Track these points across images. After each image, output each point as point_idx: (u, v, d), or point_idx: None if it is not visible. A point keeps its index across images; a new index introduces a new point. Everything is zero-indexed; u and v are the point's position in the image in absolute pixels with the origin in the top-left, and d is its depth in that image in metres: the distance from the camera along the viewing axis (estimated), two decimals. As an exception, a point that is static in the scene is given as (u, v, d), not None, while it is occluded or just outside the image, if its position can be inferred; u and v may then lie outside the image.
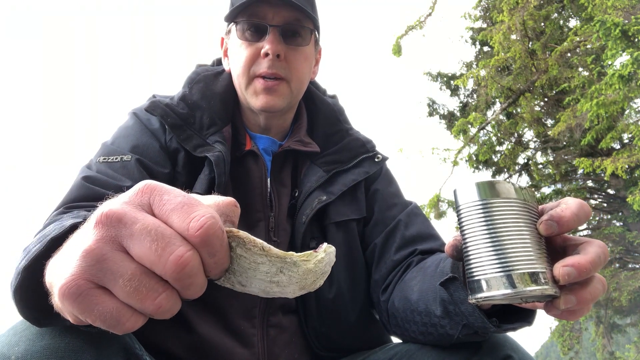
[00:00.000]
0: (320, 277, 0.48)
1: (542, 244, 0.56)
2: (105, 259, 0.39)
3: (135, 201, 0.41)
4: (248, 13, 0.99)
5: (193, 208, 0.40)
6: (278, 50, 0.98)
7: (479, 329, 0.72)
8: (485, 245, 0.55)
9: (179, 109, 1.01)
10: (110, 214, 0.40)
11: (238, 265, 0.44)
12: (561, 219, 0.56)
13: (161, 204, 0.41)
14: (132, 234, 0.39)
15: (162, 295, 0.40)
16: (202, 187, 0.93)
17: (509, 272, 0.53)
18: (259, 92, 1.00)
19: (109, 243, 0.39)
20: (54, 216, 0.78)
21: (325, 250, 0.49)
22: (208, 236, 0.39)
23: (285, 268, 0.45)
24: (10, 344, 0.58)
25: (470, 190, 0.57)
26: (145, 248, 0.39)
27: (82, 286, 0.39)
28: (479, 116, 10.17)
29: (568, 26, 10.18)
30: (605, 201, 11.32)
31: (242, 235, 0.44)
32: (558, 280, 0.54)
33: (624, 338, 13.43)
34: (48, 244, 0.55)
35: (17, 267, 0.59)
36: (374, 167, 1.12)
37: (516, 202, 0.56)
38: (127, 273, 0.39)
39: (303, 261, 0.46)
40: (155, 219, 0.40)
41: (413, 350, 0.88)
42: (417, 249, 1.00)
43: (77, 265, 0.39)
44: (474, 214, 0.56)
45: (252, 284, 0.45)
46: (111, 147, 0.96)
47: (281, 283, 0.45)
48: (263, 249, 0.44)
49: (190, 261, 0.39)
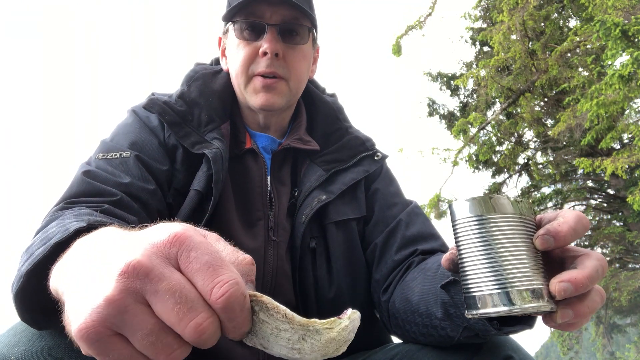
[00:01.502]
0: (343, 344, 0.47)
1: (538, 259, 0.56)
2: (127, 311, 0.39)
3: (164, 252, 0.41)
4: (246, 12, 0.99)
5: (218, 272, 0.40)
6: (276, 49, 0.98)
7: (480, 332, 0.72)
8: (481, 262, 0.55)
9: (177, 107, 1.01)
10: (138, 267, 0.39)
11: (260, 329, 0.44)
12: (558, 234, 0.55)
13: (188, 261, 0.40)
14: (156, 291, 0.39)
15: (176, 351, 0.40)
16: (201, 184, 0.93)
17: (506, 289, 0.53)
18: (259, 90, 1.00)
19: (132, 295, 0.39)
20: (54, 212, 0.78)
21: (349, 317, 0.48)
22: (230, 303, 0.39)
23: (307, 336, 0.44)
24: (10, 344, 0.58)
25: (466, 205, 0.57)
26: (168, 309, 0.39)
27: (101, 333, 0.39)
28: (479, 116, 10.17)
29: (568, 26, 10.19)
30: (605, 201, 11.32)
31: (265, 301, 0.43)
32: (554, 296, 0.53)
33: (624, 338, 13.44)
34: (52, 248, 0.55)
35: (19, 270, 0.59)
36: (373, 166, 1.11)
37: (512, 217, 0.55)
38: (147, 328, 0.39)
39: (326, 329, 0.45)
40: (181, 278, 0.40)
41: (413, 350, 0.87)
42: (418, 249, 1.00)
43: (99, 312, 0.39)
44: (470, 229, 0.56)
45: (274, 348, 0.45)
46: (110, 144, 0.96)
47: (303, 350, 0.44)
48: (286, 316, 0.43)
49: (209, 328, 0.39)
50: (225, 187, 0.98)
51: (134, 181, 0.88)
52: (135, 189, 0.87)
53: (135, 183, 0.88)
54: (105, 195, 0.83)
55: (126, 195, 0.85)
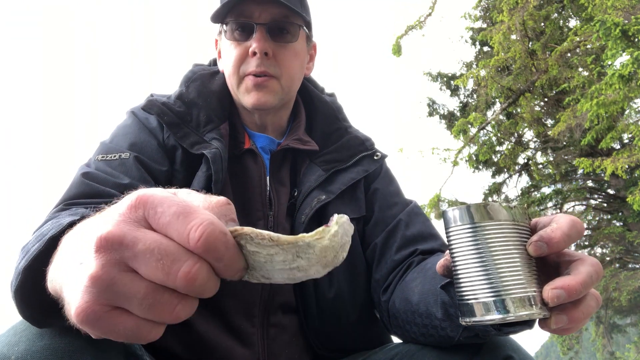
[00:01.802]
0: (341, 250, 0.46)
1: (532, 265, 0.56)
2: (114, 283, 0.39)
3: (131, 217, 0.40)
4: (235, 13, 1.00)
5: (189, 217, 0.39)
6: (265, 48, 0.98)
7: (479, 332, 0.72)
8: (475, 269, 0.55)
9: (176, 107, 1.02)
10: (110, 237, 0.39)
11: (254, 261, 0.43)
12: (551, 240, 0.55)
13: (156, 217, 0.40)
14: (135, 255, 0.39)
15: (178, 306, 0.40)
16: (200, 185, 0.93)
17: (500, 297, 0.53)
18: (250, 90, 1.01)
19: (115, 266, 0.39)
20: (53, 213, 0.78)
21: (337, 222, 0.46)
22: (210, 243, 0.39)
23: (300, 252, 0.44)
24: (10, 343, 0.58)
25: (460, 213, 0.57)
26: (152, 267, 0.39)
27: (98, 311, 0.39)
28: (479, 116, 10.17)
29: (568, 26, 10.19)
30: (605, 201, 11.32)
31: (247, 231, 0.42)
32: (547, 303, 0.54)
33: (624, 338, 13.44)
34: (47, 243, 0.55)
35: (17, 268, 0.59)
36: (373, 165, 1.11)
37: (505, 224, 0.56)
38: (140, 292, 0.39)
39: (317, 240, 0.44)
40: (155, 235, 0.39)
41: (414, 350, 0.88)
42: (418, 249, 1.00)
43: (88, 291, 0.39)
44: (464, 237, 0.56)
45: (275, 275, 0.45)
46: (109, 146, 0.96)
47: (302, 267, 0.44)
48: (272, 239, 0.43)
49: (199, 274, 0.39)
50: (224, 187, 0.98)
51: (133, 182, 0.88)
52: (135, 190, 0.87)
53: (135, 184, 0.88)
54: (104, 196, 0.83)
55: None
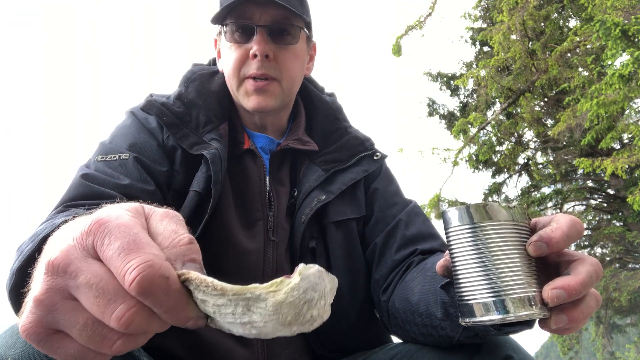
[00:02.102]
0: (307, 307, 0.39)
1: (532, 265, 0.56)
2: (56, 309, 0.39)
3: (82, 244, 0.39)
4: (235, 14, 0.99)
5: (131, 255, 0.37)
6: (266, 50, 0.97)
7: (479, 332, 0.72)
8: (475, 269, 0.55)
9: (175, 108, 1.01)
10: (56, 263, 0.38)
11: (205, 310, 0.39)
12: (551, 240, 0.55)
13: (102, 248, 0.38)
14: (77, 286, 0.38)
15: (117, 342, 0.39)
16: (200, 185, 0.93)
17: (500, 297, 0.54)
18: (250, 93, 1.00)
19: (58, 292, 0.39)
20: (52, 215, 0.78)
21: (300, 272, 0.39)
22: (144, 287, 0.36)
23: (251, 305, 0.38)
24: (7, 345, 0.57)
25: (459, 213, 0.57)
26: (90, 302, 0.38)
27: (40, 333, 0.39)
28: (479, 116, 10.17)
29: (568, 26, 10.19)
30: (605, 201, 11.32)
31: (192, 277, 0.38)
32: (547, 303, 0.54)
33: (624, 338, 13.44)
34: (39, 243, 0.55)
35: (11, 268, 0.60)
36: (373, 166, 1.11)
37: (505, 225, 0.56)
38: (80, 322, 0.38)
39: (270, 293, 0.38)
40: (99, 269, 0.38)
41: (413, 350, 0.87)
42: (418, 249, 0.99)
43: (32, 312, 0.39)
44: (464, 237, 0.56)
45: (232, 329, 0.40)
46: (109, 146, 0.96)
47: (255, 324, 0.38)
48: (215, 288, 0.38)
49: (133, 319, 0.37)
50: (224, 187, 0.97)
51: (133, 183, 0.88)
52: (135, 190, 0.87)
53: (135, 185, 0.88)
54: (104, 197, 0.83)
55: (125, 197, 0.85)
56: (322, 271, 0.40)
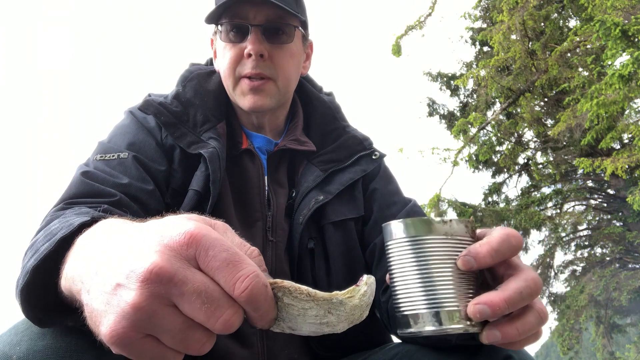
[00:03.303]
0: (366, 309, 0.49)
1: (469, 279, 0.56)
2: (155, 315, 0.41)
3: (182, 254, 0.42)
4: (230, 14, 0.99)
5: (238, 266, 0.41)
6: (260, 50, 0.97)
7: (475, 335, 0.72)
8: (410, 282, 0.56)
9: (173, 107, 1.01)
10: (161, 273, 0.40)
11: (287, 313, 0.46)
12: (477, 255, 0.55)
13: (207, 260, 0.42)
14: (182, 293, 0.41)
15: (206, 343, 0.43)
16: (199, 184, 0.93)
17: (432, 310, 0.55)
18: (246, 93, 1.01)
19: (158, 299, 0.40)
20: (54, 212, 0.78)
21: (366, 282, 0.50)
22: (253, 295, 0.41)
23: (332, 309, 0.46)
24: (11, 343, 0.58)
25: (399, 227, 0.58)
26: (196, 309, 0.41)
27: (132, 338, 0.41)
28: (479, 116, 10.17)
29: (568, 26, 10.19)
30: (605, 201, 11.32)
31: (287, 285, 0.45)
32: (471, 318, 0.54)
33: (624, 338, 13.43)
34: (58, 243, 0.55)
35: (24, 266, 0.59)
36: (371, 165, 1.11)
37: (441, 239, 0.56)
38: (176, 328, 0.41)
39: (348, 298, 0.47)
40: (203, 278, 0.41)
41: (413, 350, 0.87)
42: None
43: (128, 318, 0.40)
44: (401, 250, 0.58)
45: (303, 328, 0.47)
46: (108, 145, 0.96)
47: (330, 323, 0.47)
48: (309, 295, 0.45)
49: (236, 321, 0.42)
50: (223, 186, 0.98)
51: (132, 182, 0.88)
52: (134, 189, 0.87)
53: (134, 184, 0.88)
54: (104, 196, 0.83)
55: (125, 195, 0.85)
56: (374, 281, 0.51)
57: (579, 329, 11.01)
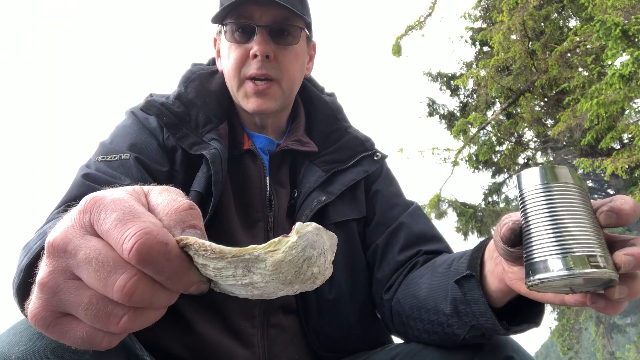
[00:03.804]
0: (305, 265, 0.40)
1: (601, 232, 0.57)
2: (60, 290, 0.39)
3: (79, 222, 0.39)
4: (236, 14, 0.99)
5: (127, 224, 0.37)
6: (266, 50, 0.97)
7: (487, 331, 0.71)
8: (546, 228, 0.55)
9: (175, 108, 1.01)
10: (55, 244, 0.39)
11: (206, 274, 0.40)
12: (621, 211, 0.56)
13: (99, 223, 0.38)
14: (78, 263, 0.38)
15: (124, 318, 0.38)
16: (201, 185, 0.93)
17: (567, 254, 0.53)
18: (250, 96, 1.00)
19: (61, 273, 0.39)
20: (55, 214, 0.79)
21: (297, 231, 0.39)
22: (143, 254, 0.36)
23: (251, 266, 0.38)
24: (10, 343, 0.58)
25: (534, 174, 0.58)
26: (92, 278, 0.38)
27: (47, 317, 0.39)
28: (479, 116, 10.17)
29: (568, 26, 10.18)
30: (605, 201, 11.30)
31: (191, 242, 0.38)
32: (619, 267, 0.54)
33: (624, 338, 13.44)
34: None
35: (19, 265, 0.60)
36: (373, 166, 1.11)
37: (576, 188, 0.57)
38: (84, 301, 0.38)
39: (269, 252, 0.38)
40: (97, 243, 0.38)
41: (415, 350, 0.87)
42: (422, 250, 1.00)
43: (38, 297, 0.39)
44: (537, 197, 0.57)
45: (234, 291, 0.40)
46: (109, 146, 0.96)
47: (257, 285, 0.39)
48: (214, 251, 0.38)
49: (136, 287, 0.37)
50: (225, 187, 0.97)
51: (133, 183, 0.88)
52: None
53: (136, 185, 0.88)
54: None
55: None
56: (320, 228, 0.40)
57: (579, 329, 11.02)
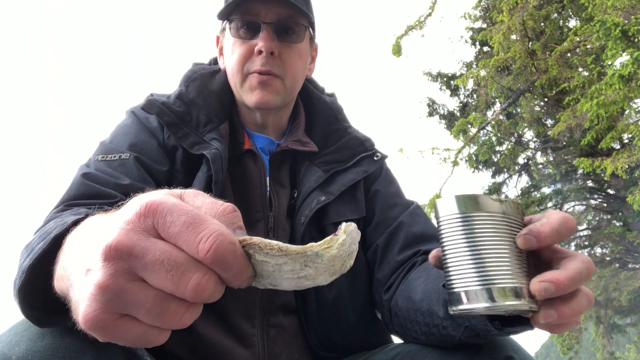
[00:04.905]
0: (348, 258, 0.47)
1: (522, 258, 0.56)
2: (123, 292, 0.39)
3: (140, 226, 0.40)
4: (241, 10, 1.00)
5: (199, 227, 0.39)
6: (271, 47, 0.98)
7: (480, 332, 0.72)
8: (464, 258, 0.55)
9: (176, 107, 1.01)
10: (119, 246, 0.39)
11: (262, 269, 0.44)
12: (539, 234, 0.55)
13: (166, 227, 0.40)
14: (145, 265, 0.39)
15: (185, 314, 0.41)
16: (201, 185, 0.93)
17: (487, 286, 0.54)
18: (254, 87, 1.01)
19: (123, 275, 0.39)
20: (54, 213, 0.78)
21: (345, 230, 0.47)
22: (219, 255, 0.39)
23: (309, 261, 0.44)
24: (11, 343, 0.58)
25: (451, 203, 0.58)
26: (162, 278, 0.39)
27: (107, 320, 0.40)
28: (479, 116, 10.18)
29: (568, 26, 10.19)
30: (605, 201, 11.32)
31: (256, 242, 0.43)
32: (534, 296, 0.54)
33: (624, 338, 13.43)
34: (52, 242, 0.55)
35: (20, 266, 0.59)
36: (373, 166, 1.11)
37: (496, 216, 0.56)
38: (149, 302, 0.40)
39: (325, 249, 0.45)
40: (165, 246, 0.40)
41: (414, 350, 0.87)
42: (421, 249, 1.00)
43: (96, 299, 0.39)
44: (454, 226, 0.57)
45: (283, 283, 0.45)
46: (109, 146, 0.96)
47: (309, 276, 0.45)
48: (280, 249, 0.43)
49: (208, 285, 0.40)
50: (225, 187, 0.98)
51: (133, 182, 0.88)
52: (135, 190, 0.87)
53: (135, 184, 0.88)
54: (104, 197, 0.83)
55: (126, 196, 0.84)
56: (356, 227, 0.49)
57: (579, 329, 11.01)
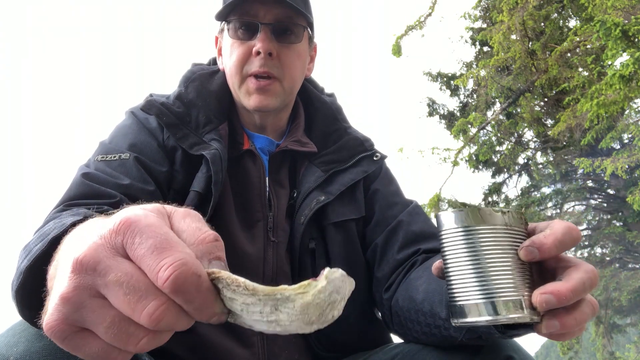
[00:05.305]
0: (329, 308, 0.41)
1: (525, 270, 0.56)
2: (83, 307, 0.39)
3: (110, 243, 0.39)
4: (239, 11, 0.99)
5: (163, 253, 0.38)
6: (270, 48, 0.98)
7: (483, 334, 0.71)
8: (466, 272, 0.56)
9: (175, 108, 1.01)
10: (85, 261, 0.38)
11: (232, 307, 0.40)
12: (542, 246, 0.55)
13: (133, 247, 0.39)
14: (106, 284, 0.38)
15: (143, 340, 0.39)
16: (200, 185, 0.93)
17: (490, 299, 0.54)
18: (252, 92, 1.00)
19: (86, 290, 0.39)
20: (54, 214, 0.78)
21: (326, 276, 0.41)
22: (178, 285, 0.37)
23: (279, 305, 0.39)
24: (9, 344, 0.58)
25: (453, 216, 0.58)
26: (120, 300, 0.38)
27: (65, 330, 0.39)
28: (479, 116, 10.18)
29: (568, 26, 10.18)
30: (605, 201, 11.32)
31: (224, 276, 0.40)
32: (536, 308, 0.54)
33: (624, 338, 13.44)
34: (49, 243, 0.55)
35: (18, 267, 0.59)
36: (372, 166, 1.11)
37: (498, 229, 0.56)
38: (107, 320, 0.39)
39: (299, 294, 0.39)
40: (130, 266, 0.39)
41: (414, 350, 0.87)
42: (421, 248, 0.99)
43: (58, 310, 0.39)
44: (456, 240, 0.57)
45: (255, 325, 0.41)
46: (109, 146, 0.96)
47: (281, 322, 0.40)
48: (247, 288, 0.39)
49: (164, 315, 0.38)
50: (224, 188, 0.98)
51: (133, 183, 0.88)
52: (135, 190, 0.87)
53: (135, 185, 0.88)
54: (104, 197, 0.83)
55: (126, 197, 0.85)
56: (344, 275, 0.42)
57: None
